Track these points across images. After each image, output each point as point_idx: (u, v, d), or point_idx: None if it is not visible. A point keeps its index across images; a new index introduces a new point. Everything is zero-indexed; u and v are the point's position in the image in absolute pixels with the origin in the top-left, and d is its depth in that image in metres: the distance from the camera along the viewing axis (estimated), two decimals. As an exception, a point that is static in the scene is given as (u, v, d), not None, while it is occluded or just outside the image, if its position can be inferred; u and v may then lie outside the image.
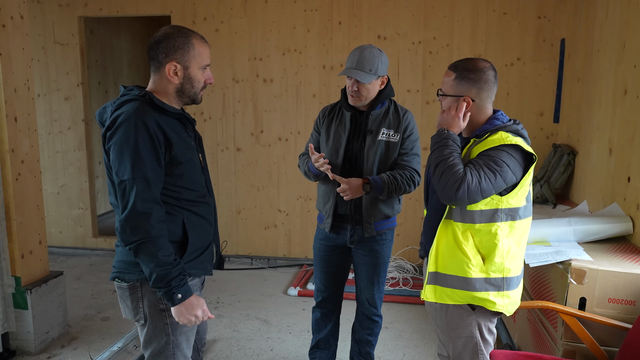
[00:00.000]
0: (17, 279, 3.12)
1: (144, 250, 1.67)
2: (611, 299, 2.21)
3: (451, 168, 1.77)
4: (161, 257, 1.67)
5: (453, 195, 1.75)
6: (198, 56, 1.78)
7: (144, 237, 1.66)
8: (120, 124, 1.67)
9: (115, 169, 1.68)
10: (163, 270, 1.68)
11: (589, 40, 3.54)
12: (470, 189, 1.73)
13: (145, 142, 1.66)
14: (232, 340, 3.42)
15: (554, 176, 3.74)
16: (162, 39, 1.75)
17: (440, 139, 1.86)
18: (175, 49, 1.74)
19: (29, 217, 3.20)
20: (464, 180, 1.74)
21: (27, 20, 3.16)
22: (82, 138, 5.08)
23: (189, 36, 1.77)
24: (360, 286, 2.66)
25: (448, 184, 1.76)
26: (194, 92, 1.82)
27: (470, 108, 1.88)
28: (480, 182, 1.74)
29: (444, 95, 1.91)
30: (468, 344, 1.94)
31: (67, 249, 5.25)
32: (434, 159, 1.85)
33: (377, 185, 2.36)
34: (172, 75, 1.76)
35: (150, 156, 1.67)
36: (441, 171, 1.79)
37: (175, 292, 1.71)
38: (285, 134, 4.73)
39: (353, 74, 2.35)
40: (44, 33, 4.94)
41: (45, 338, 3.27)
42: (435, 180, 1.82)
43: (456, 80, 1.87)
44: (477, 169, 1.76)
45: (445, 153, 1.81)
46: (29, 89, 3.18)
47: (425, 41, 4.40)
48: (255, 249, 4.96)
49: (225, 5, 4.62)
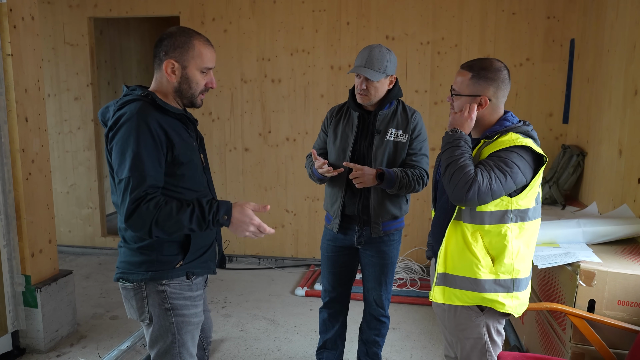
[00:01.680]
0: (27, 277, 3.15)
1: (163, 226, 1.65)
2: (621, 301, 2.19)
3: (462, 169, 1.76)
4: (180, 216, 1.66)
5: (464, 196, 1.75)
6: (198, 57, 1.76)
7: (151, 218, 1.64)
8: (122, 124, 1.67)
9: (116, 169, 1.69)
10: (192, 219, 1.67)
11: (599, 40, 3.51)
12: (481, 190, 1.73)
13: (147, 142, 1.66)
14: (239, 340, 3.43)
15: (563, 177, 3.72)
16: (165, 37, 1.77)
17: (452, 139, 1.86)
18: (175, 47, 1.75)
19: (39, 216, 3.22)
20: (474, 181, 1.73)
21: (37, 21, 3.19)
22: (91, 138, 5.12)
23: (190, 36, 1.77)
24: (368, 287, 2.66)
25: (459, 184, 1.75)
26: (191, 93, 1.80)
27: (486, 108, 1.87)
28: (491, 183, 1.73)
29: (459, 95, 1.89)
30: (476, 345, 1.93)
31: (76, 248, 5.29)
32: (444, 160, 1.84)
33: (390, 177, 2.35)
34: (170, 73, 1.77)
35: (151, 156, 1.67)
36: (452, 172, 1.79)
37: (219, 219, 1.70)
38: (293, 134, 4.73)
39: (362, 72, 2.36)
40: (54, 34, 4.98)
41: (54, 336, 3.30)
42: (446, 181, 1.81)
43: (473, 80, 1.86)
44: (488, 170, 1.75)
45: (456, 154, 1.81)
46: (39, 89, 3.21)
47: (433, 41, 4.39)
48: (262, 249, 4.97)
49: (234, 6, 4.63)
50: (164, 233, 1.68)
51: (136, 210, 1.63)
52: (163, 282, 1.80)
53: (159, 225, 1.65)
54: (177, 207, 1.67)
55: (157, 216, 1.64)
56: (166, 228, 1.66)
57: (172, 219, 1.65)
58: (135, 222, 1.65)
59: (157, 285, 1.80)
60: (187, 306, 1.86)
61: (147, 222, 1.64)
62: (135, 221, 1.65)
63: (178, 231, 1.69)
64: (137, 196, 1.64)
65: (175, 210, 1.66)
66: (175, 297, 1.83)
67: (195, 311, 1.89)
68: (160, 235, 1.68)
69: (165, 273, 1.80)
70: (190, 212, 1.67)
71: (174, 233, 1.70)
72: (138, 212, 1.63)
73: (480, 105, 1.87)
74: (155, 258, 1.79)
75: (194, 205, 1.69)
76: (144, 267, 1.78)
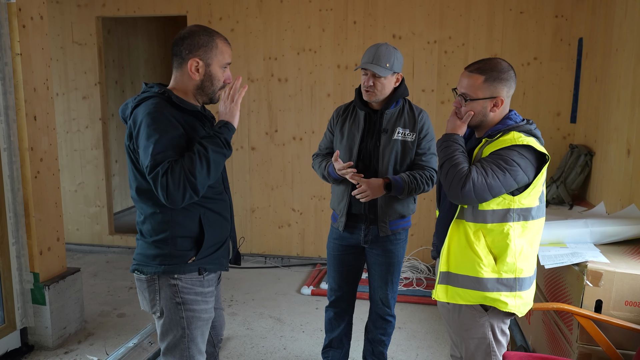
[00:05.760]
0: (35, 275, 3.17)
1: (196, 167, 1.68)
2: (628, 301, 2.18)
3: (455, 166, 1.79)
4: (198, 148, 1.72)
5: (459, 192, 1.76)
6: (220, 54, 1.83)
7: (184, 171, 1.67)
8: (142, 122, 1.72)
9: (142, 162, 1.72)
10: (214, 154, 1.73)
11: (608, 39, 3.49)
12: (476, 185, 1.73)
13: (167, 131, 1.70)
14: (245, 338, 3.44)
15: (570, 177, 3.70)
16: (187, 35, 1.81)
17: (445, 140, 1.90)
18: (199, 46, 1.80)
19: (47, 214, 3.25)
20: (468, 177, 1.74)
21: (46, 20, 3.21)
22: (99, 136, 5.15)
23: (212, 35, 1.83)
24: (374, 286, 2.66)
25: (453, 181, 1.77)
26: (212, 89, 1.87)
27: (501, 107, 1.87)
28: (486, 178, 1.74)
29: (474, 100, 1.86)
30: (481, 345, 1.93)
31: (84, 246, 5.33)
32: (439, 159, 1.89)
33: (398, 185, 2.36)
34: (194, 71, 1.82)
35: (172, 140, 1.70)
36: (446, 169, 1.81)
37: (227, 135, 1.81)
38: (299, 134, 4.74)
39: (370, 67, 2.36)
40: (62, 33, 5.02)
41: (62, 333, 3.32)
42: (442, 178, 1.84)
43: (487, 82, 1.84)
44: (485, 167, 1.76)
45: (448, 152, 1.84)
46: (48, 88, 3.23)
47: (440, 40, 4.37)
48: (269, 248, 4.99)
49: (241, 5, 4.64)
50: (203, 176, 1.70)
51: (168, 180, 1.66)
52: (175, 276, 1.83)
53: (193, 173, 1.67)
54: (190, 152, 1.72)
55: (185, 168, 1.67)
56: (199, 170, 1.69)
57: (195, 159, 1.69)
58: (174, 191, 1.66)
59: (169, 279, 1.83)
60: (197, 301, 1.88)
61: (183, 181, 1.66)
62: (174, 190, 1.66)
63: (210, 166, 1.72)
64: (163, 170, 1.66)
65: (191, 154, 1.71)
66: (187, 291, 1.85)
67: (205, 307, 1.91)
68: (203, 181, 1.70)
69: (178, 267, 1.83)
70: (199, 143, 1.74)
71: (210, 170, 1.72)
72: (170, 179, 1.66)
73: (496, 105, 1.86)
74: (168, 252, 1.82)
75: (199, 139, 1.77)
76: (158, 261, 1.82)
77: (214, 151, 1.74)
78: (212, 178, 1.75)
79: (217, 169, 1.76)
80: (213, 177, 1.75)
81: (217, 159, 1.75)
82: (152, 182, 1.69)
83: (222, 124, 1.84)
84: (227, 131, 1.82)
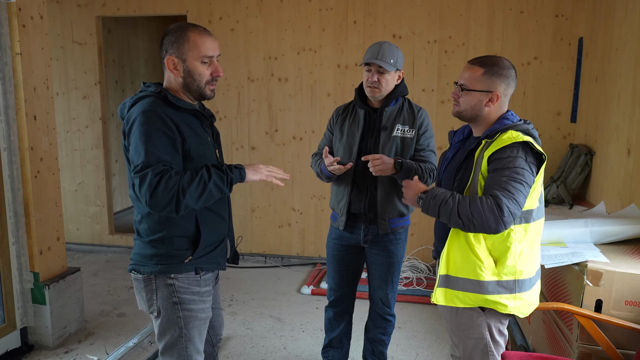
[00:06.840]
0: (35, 274, 3.17)
1: (190, 190, 1.68)
2: (628, 301, 2.18)
3: (472, 202, 1.73)
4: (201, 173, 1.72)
5: (501, 224, 1.71)
6: (194, 48, 1.78)
7: (177, 185, 1.66)
8: (135, 119, 1.72)
9: (132, 158, 1.72)
10: (210, 174, 1.73)
11: (608, 39, 3.49)
12: (511, 208, 1.71)
13: (161, 130, 1.69)
14: (245, 337, 3.44)
15: (570, 176, 3.70)
16: (165, 34, 1.81)
17: (430, 199, 1.83)
18: (172, 43, 1.78)
19: (47, 214, 3.25)
20: (501, 207, 1.69)
21: (46, 20, 3.21)
22: (99, 136, 5.15)
23: (184, 29, 1.78)
24: (374, 285, 2.66)
25: (489, 218, 1.71)
26: (197, 85, 1.82)
27: (494, 105, 1.87)
28: (515, 198, 1.72)
29: (470, 90, 1.87)
30: (478, 345, 1.93)
31: (84, 246, 5.33)
32: (445, 218, 1.80)
33: (407, 166, 2.35)
34: (172, 69, 1.80)
35: (164, 142, 1.69)
36: (469, 214, 1.73)
37: (234, 176, 1.80)
38: (299, 133, 4.74)
39: (376, 62, 2.36)
40: (62, 33, 5.02)
41: (62, 333, 3.33)
42: (473, 226, 1.74)
43: (485, 75, 1.85)
44: (504, 186, 1.72)
45: (450, 202, 1.77)
46: (48, 87, 3.23)
47: (440, 40, 4.37)
48: (269, 248, 4.99)
49: (241, 5, 4.64)
50: (192, 199, 1.69)
51: (160, 182, 1.64)
52: (172, 276, 1.83)
53: (185, 191, 1.66)
54: (194, 171, 1.72)
55: (181, 182, 1.66)
56: (192, 191, 1.68)
57: (194, 179, 1.69)
58: (161, 195, 1.64)
59: (166, 278, 1.83)
60: (194, 301, 1.88)
61: (173, 191, 1.65)
62: (161, 195, 1.64)
63: (204, 194, 1.71)
64: (158, 170, 1.65)
65: (194, 173, 1.71)
66: (183, 291, 1.85)
67: (202, 307, 1.91)
68: (189, 203, 1.69)
69: (174, 267, 1.83)
70: (207, 169, 1.74)
71: (201, 197, 1.71)
72: (164, 183, 1.64)
73: (491, 100, 1.86)
74: (165, 252, 1.82)
75: (208, 165, 1.76)
76: (155, 260, 1.82)
77: (215, 184, 1.73)
78: (198, 205, 1.73)
79: (208, 200, 1.75)
80: (200, 204, 1.74)
81: (213, 192, 1.74)
82: (137, 179, 1.66)
83: (239, 167, 1.84)
84: (238, 175, 1.82)
